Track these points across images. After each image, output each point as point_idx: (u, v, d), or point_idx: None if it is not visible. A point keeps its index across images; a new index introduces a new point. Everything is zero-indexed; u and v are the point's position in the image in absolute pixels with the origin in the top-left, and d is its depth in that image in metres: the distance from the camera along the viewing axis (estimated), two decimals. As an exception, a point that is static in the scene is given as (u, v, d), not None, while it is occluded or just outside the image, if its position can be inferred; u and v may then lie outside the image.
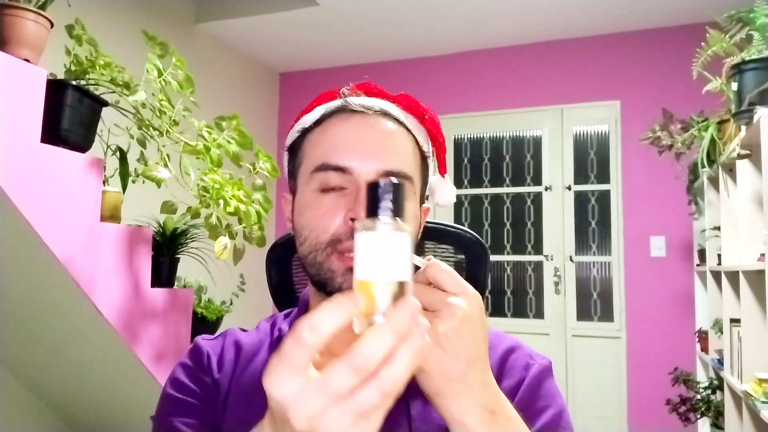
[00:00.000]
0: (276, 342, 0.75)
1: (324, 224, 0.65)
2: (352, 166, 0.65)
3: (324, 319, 0.39)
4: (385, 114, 0.69)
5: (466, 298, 0.55)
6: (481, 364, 0.53)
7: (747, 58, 1.95)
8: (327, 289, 0.66)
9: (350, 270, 0.63)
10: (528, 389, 0.68)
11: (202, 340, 0.77)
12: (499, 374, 0.69)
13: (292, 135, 0.74)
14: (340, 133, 0.68)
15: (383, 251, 0.42)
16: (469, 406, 0.52)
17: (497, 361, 0.70)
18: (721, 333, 2.52)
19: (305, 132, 0.72)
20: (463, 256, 0.94)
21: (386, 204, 0.43)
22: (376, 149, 0.66)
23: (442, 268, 0.56)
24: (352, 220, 0.63)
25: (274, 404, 0.40)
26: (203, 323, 1.97)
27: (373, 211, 0.44)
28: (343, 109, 0.69)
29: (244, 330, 0.79)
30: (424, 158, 0.73)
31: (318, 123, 0.70)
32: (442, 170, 0.75)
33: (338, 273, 0.65)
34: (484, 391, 0.52)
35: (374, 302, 0.42)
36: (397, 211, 0.44)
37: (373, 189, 0.44)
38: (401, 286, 0.42)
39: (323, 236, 0.65)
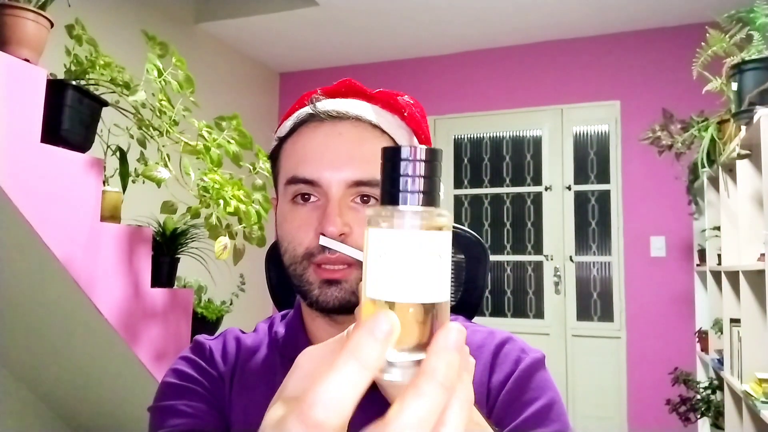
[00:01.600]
0: (272, 342, 0.75)
1: (299, 237, 0.66)
2: (320, 177, 0.65)
3: (333, 388, 0.27)
4: (358, 119, 0.67)
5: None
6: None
7: (747, 58, 1.95)
8: (306, 300, 0.67)
9: (326, 282, 0.64)
10: (517, 381, 0.67)
11: (203, 338, 0.77)
12: (492, 368, 0.69)
13: (272, 143, 0.74)
14: (310, 143, 0.67)
15: (409, 260, 0.28)
16: None
17: (489, 356, 0.70)
18: (721, 333, 2.52)
19: (282, 141, 0.71)
20: (462, 256, 0.94)
21: (412, 183, 0.29)
22: (344, 159, 0.65)
23: None
24: (323, 234, 0.63)
25: None
26: (203, 323, 1.96)
27: (390, 195, 0.29)
28: (314, 117, 0.68)
29: (243, 332, 0.79)
30: None
31: (292, 131, 0.70)
32: None
33: (315, 285, 0.65)
34: None
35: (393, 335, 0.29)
36: (431, 195, 0.29)
37: (390, 160, 0.29)
38: (435, 309, 0.29)
39: (299, 249, 0.66)
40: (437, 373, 0.28)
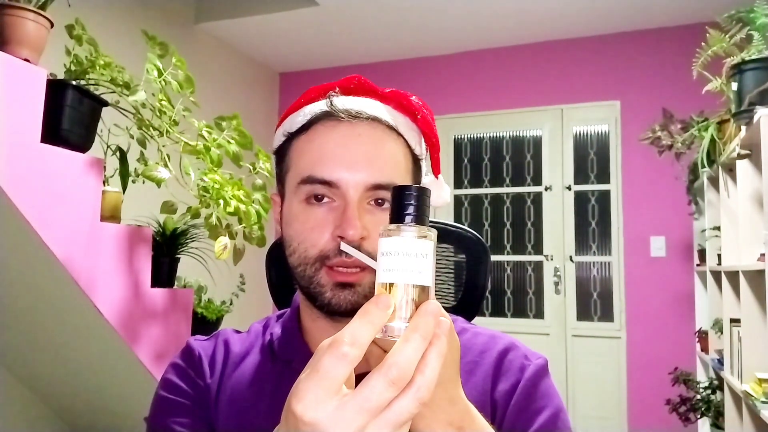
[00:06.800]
0: (267, 346, 0.73)
1: (312, 239, 0.64)
2: (339, 179, 0.63)
3: (362, 330, 0.39)
4: (375, 119, 0.66)
5: None
6: (449, 383, 0.51)
7: (747, 58, 1.95)
8: (317, 303, 0.65)
9: (339, 285, 0.63)
10: (524, 391, 0.67)
11: (195, 341, 0.76)
12: (495, 377, 0.69)
13: (279, 138, 0.71)
14: (327, 143, 0.65)
15: (406, 257, 0.43)
16: (436, 424, 0.51)
17: (493, 363, 0.70)
18: (721, 333, 2.52)
19: (292, 136, 0.69)
20: (463, 256, 0.94)
21: (410, 210, 0.44)
22: (364, 161, 0.64)
23: None
24: (341, 237, 0.62)
25: (307, 428, 0.38)
26: (203, 323, 1.96)
27: (397, 217, 0.45)
28: (330, 115, 0.66)
29: (238, 332, 0.78)
30: (416, 161, 0.70)
31: (304, 128, 0.67)
32: (436, 171, 0.72)
33: (327, 287, 0.64)
34: (451, 408, 0.51)
35: (395, 308, 0.42)
36: (420, 218, 0.44)
37: (397, 195, 0.45)
38: (423, 290, 0.43)
39: (311, 251, 0.64)
40: (419, 328, 0.40)
